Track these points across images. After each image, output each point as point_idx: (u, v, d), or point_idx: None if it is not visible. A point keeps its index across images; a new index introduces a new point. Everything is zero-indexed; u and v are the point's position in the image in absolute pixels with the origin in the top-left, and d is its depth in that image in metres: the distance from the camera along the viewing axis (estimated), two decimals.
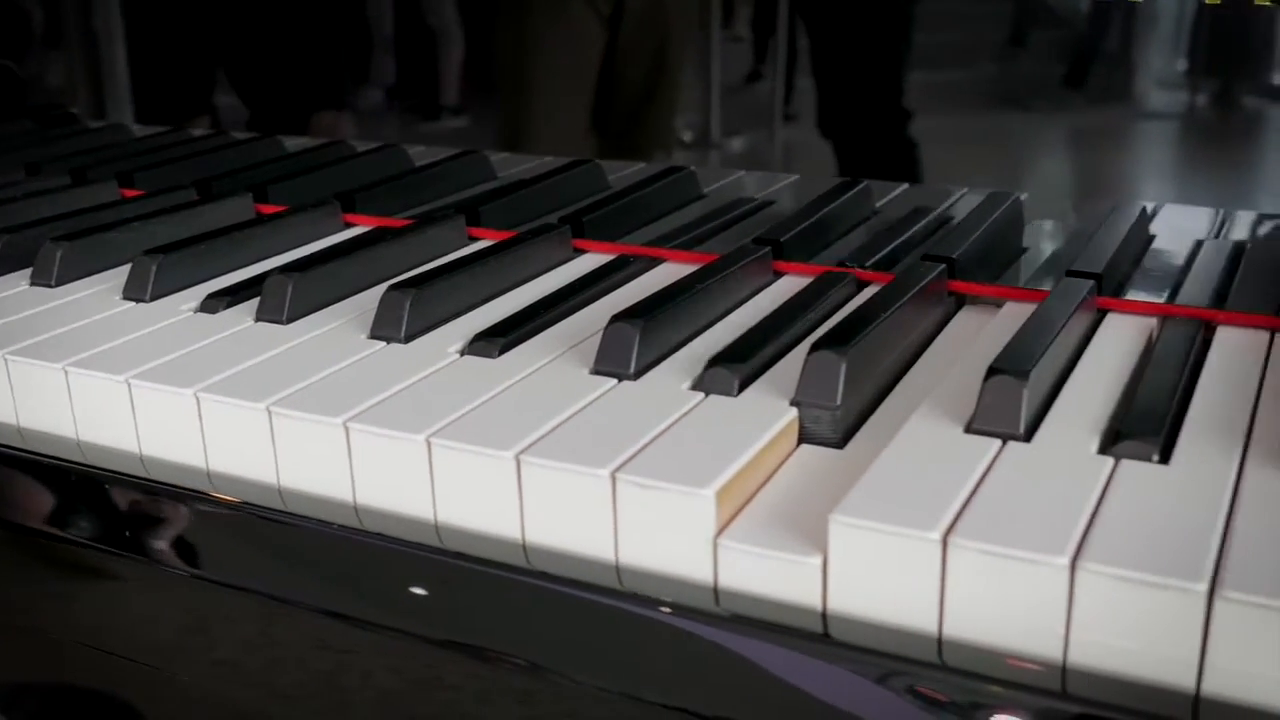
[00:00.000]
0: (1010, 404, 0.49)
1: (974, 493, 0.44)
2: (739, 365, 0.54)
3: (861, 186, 0.80)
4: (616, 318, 0.57)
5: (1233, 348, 0.58)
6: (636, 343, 0.55)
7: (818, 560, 0.44)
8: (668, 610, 0.44)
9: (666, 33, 0.88)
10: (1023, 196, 0.80)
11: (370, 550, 0.50)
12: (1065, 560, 0.40)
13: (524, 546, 0.49)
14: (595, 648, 0.46)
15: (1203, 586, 0.38)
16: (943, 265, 0.64)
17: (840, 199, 0.78)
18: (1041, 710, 0.39)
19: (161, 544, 0.54)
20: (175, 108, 1.10)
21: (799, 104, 0.83)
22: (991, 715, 0.40)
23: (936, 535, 0.42)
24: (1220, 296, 0.63)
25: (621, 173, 0.89)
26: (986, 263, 0.69)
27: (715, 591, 0.46)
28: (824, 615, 0.44)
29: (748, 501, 0.47)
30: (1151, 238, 0.74)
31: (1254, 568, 0.39)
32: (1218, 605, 0.38)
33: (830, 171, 0.83)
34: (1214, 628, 0.38)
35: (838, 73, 0.81)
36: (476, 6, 0.94)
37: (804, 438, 0.52)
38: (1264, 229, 0.71)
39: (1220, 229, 0.74)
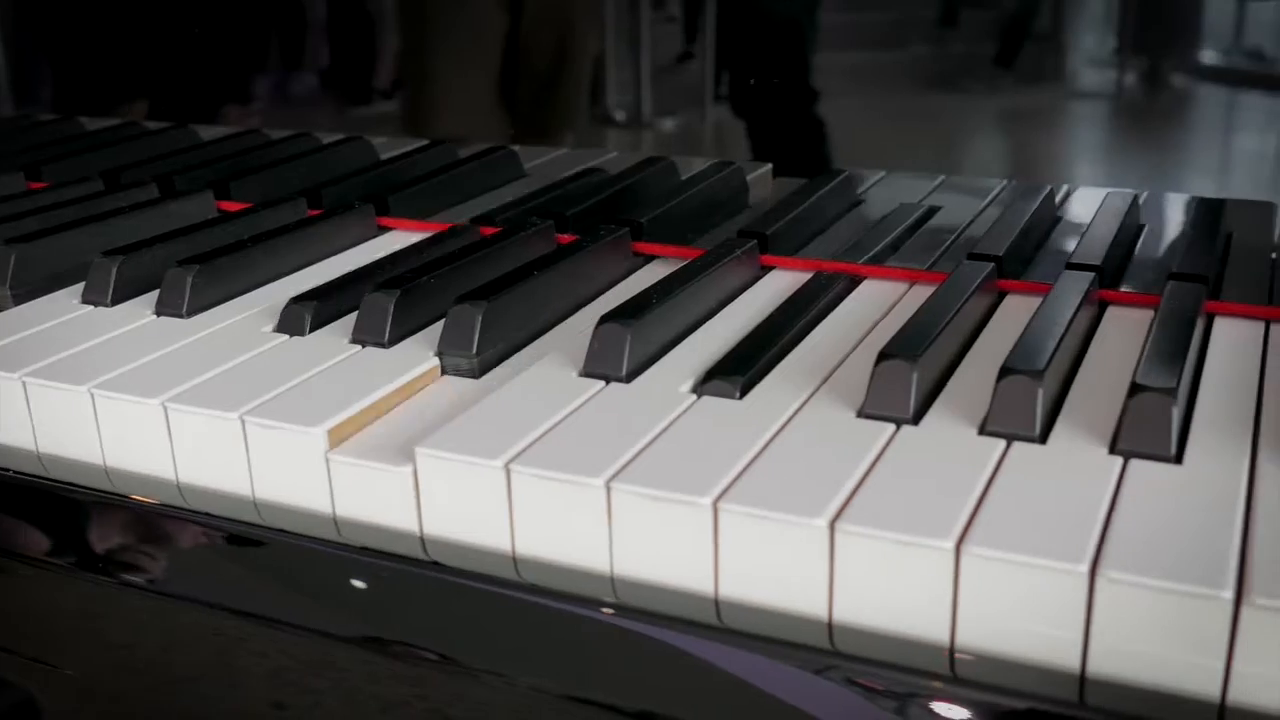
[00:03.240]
0: (615, 349, 0.53)
1: (553, 428, 0.49)
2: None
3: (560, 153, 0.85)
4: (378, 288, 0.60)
5: (865, 298, 0.63)
6: (310, 313, 0.60)
7: (408, 470, 0.48)
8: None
9: (570, 14, 0.88)
10: (762, 169, 0.84)
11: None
12: (600, 481, 0.45)
13: (179, 487, 0.53)
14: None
15: (708, 500, 0.43)
16: (626, 228, 0.69)
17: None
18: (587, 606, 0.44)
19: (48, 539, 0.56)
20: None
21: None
22: (552, 618, 0.45)
23: (500, 463, 0.46)
24: (879, 255, 0.68)
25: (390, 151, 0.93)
26: (687, 225, 0.73)
27: (335, 522, 0.50)
28: (422, 539, 0.48)
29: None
30: (858, 202, 0.79)
31: (766, 485, 0.44)
32: (722, 518, 0.43)
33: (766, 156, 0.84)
34: (721, 539, 0.43)
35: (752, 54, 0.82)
36: None
37: None
38: (940, 194, 0.76)
39: (930, 195, 0.79)
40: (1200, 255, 0.61)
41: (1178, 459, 0.45)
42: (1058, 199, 0.76)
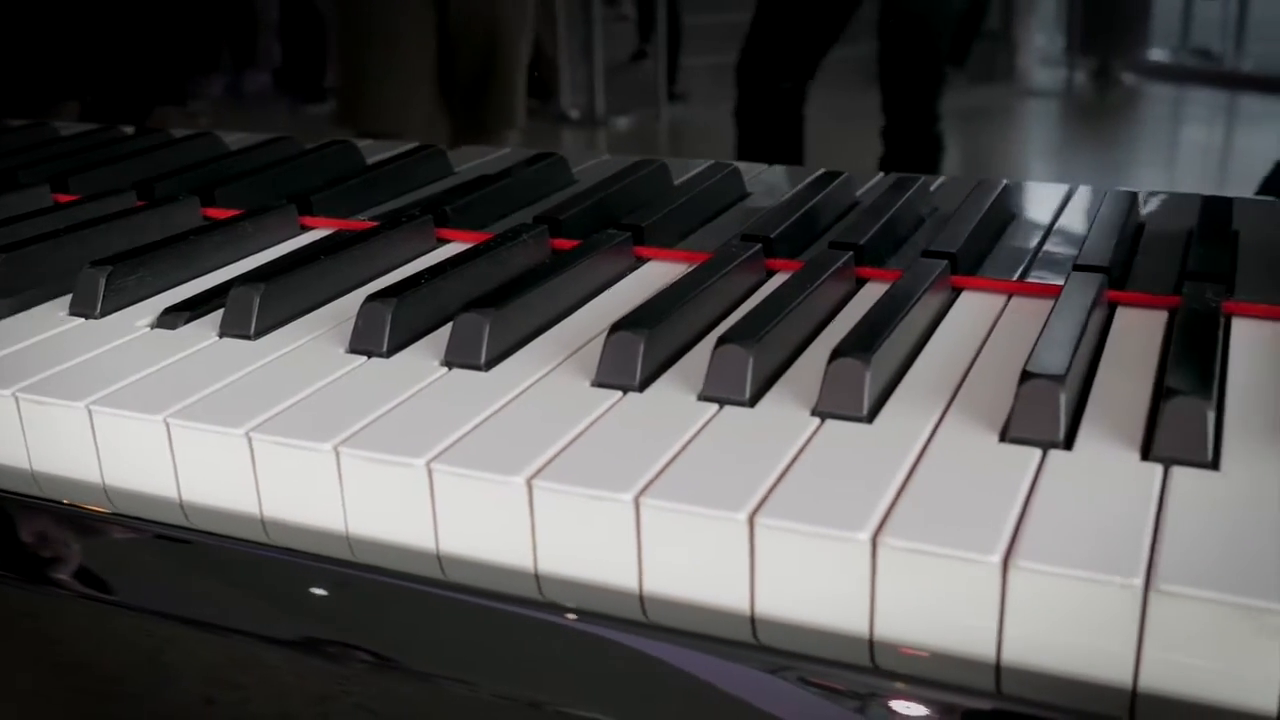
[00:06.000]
0: (377, 327, 0.56)
1: (304, 399, 0.52)
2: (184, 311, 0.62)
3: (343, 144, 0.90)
4: (91, 265, 0.64)
5: (646, 277, 0.66)
6: (102, 287, 0.62)
7: (162, 430, 0.51)
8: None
9: (497, 12, 0.88)
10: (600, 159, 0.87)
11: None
12: (329, 446, 0.48)
13: None
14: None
15: (421, 462, 0.46)
16: (429, 215, 0.72)
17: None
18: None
19: None
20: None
21: (684, 83, 0.84)
22: (490, 618, 0.45)
23: (241, 431, 0.49)
24: (668, 240, 0.71)
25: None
26: (493, 213, 0.77)
27: (104, 490, 0.53)
28: (181, 505, 0.52)
29: None
30: (667, 189, 0.82)
31: (478, 448, 0.47)
32: (436, 478, 0.46)
33: (719, 151, 0.83)
34: (436, 498, 0.46)
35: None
36: None
37: None
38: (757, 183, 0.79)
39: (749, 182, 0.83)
40: (950, 234, 0.65)
41: (870, 419, 0.48)
42: (859, 190, 0.79)
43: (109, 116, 1.02)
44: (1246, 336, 0.57)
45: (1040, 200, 0.77)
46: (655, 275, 0.67)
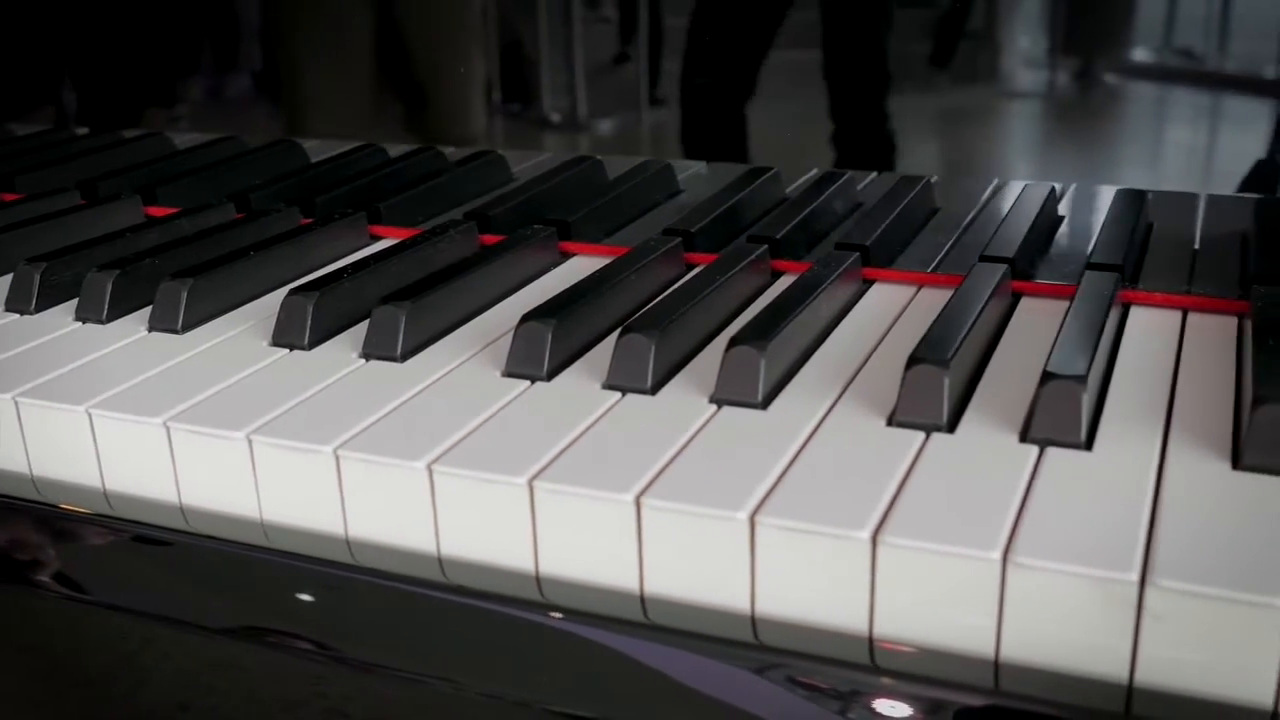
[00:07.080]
0: (298, 320, 0.58)
1: (224, 389, 0.54)
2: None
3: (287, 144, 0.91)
4: (26, 261, 0.65)
5: (573, 269, 0.68)
6: (36, 283, 0.64)
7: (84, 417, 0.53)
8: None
9: (437, 11, 0.89)
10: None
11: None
12: (242, 435, 0.49)
13: None
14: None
15: (329, 448, 0.48)
16: (362, 212, 0.74)
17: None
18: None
19: None
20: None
21: (667, 87, 0.85)
22: (475, 618, 0.46)
23: (159, 421, 0.51)
24: (594, 234, 0.73)
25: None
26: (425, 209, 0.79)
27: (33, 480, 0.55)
28: (104, 494, 0.53)
29: None
30: (606, 186, 0.84)
31: (387, 436, 0.49)
32: (342, 464, 0.48)
33: (710, 154, 0.84)
34: (344, 483, 0.48)
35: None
36: None
37: None
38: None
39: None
40: (864, 227, 0.67)
41: (765, 405, 0.50)
42: (790, 187, 0.81)
43: (66, 119, 1.04)
44: (1144, 324, 0.59)
45: (968, 194, 0.79)
46: (580, 269, 0.68)
